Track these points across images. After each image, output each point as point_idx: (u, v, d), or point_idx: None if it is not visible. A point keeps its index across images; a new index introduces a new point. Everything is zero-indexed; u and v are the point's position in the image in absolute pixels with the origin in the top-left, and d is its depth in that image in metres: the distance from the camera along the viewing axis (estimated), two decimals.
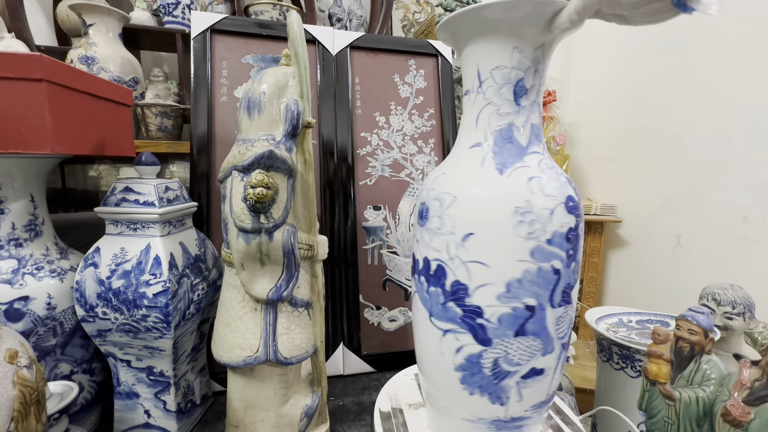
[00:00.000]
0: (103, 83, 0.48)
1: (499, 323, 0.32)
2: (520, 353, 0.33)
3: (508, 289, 0.32)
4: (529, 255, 0.31)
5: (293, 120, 0.38)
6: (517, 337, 0.33)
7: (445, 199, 0.34)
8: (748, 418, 0.35)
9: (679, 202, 1.07)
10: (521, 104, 0.34)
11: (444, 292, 0.34)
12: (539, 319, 0.32)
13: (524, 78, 0.34)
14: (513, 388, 0.34)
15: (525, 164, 0.33)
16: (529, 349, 0.33)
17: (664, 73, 1.10)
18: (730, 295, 0.57)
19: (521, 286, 0.32)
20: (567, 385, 0.69)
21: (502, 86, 0.34)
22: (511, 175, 0.33)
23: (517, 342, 0.33)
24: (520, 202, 0.31)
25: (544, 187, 0.32)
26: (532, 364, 0.33)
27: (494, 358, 0.33)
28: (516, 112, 0.34)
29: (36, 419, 0.28)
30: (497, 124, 0.35)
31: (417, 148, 0.68)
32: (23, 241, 0.42)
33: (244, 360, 0.38)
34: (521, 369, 0.33)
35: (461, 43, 0.36)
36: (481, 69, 0.35)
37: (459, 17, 0.33)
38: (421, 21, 1.43)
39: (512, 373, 0.33)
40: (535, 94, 0.35)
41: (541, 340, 0.33)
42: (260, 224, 0.36)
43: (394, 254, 0.65)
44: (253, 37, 0.62)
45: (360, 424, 0.50)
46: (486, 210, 0.32)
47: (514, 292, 0.32)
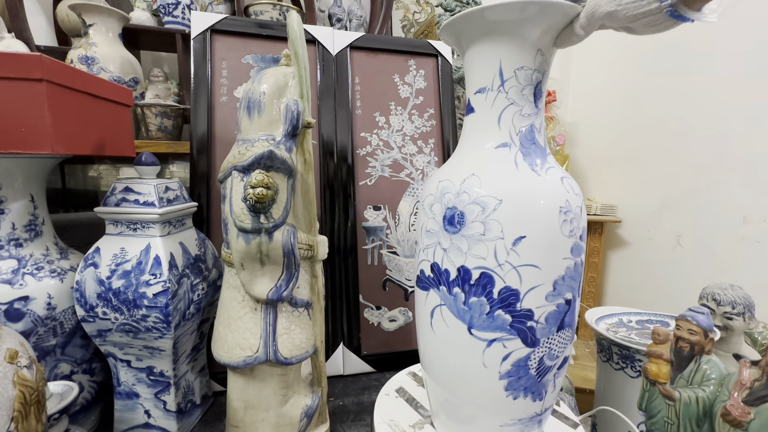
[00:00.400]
0: (103, 83, 0.48)
1: (546, 322, 0.33)
2: (559, 346, 0.35)
3: (555, 287, 0.33)
4: (569, 252, 0.33)
5: (293, 120, 0.38)
6: (558, 332, 0.34)
7: (488, 203, 0.33)
8: (748, 418, 0.35)
9: (679, 202, 1.07)
10: (539, 106, 0.35)
11: (490, 300, 0.33)
12: (573, 310, 0.35)
13: (542, 81, 0.35)
14: (551, 381, 0.36)
15: (551, 164, 0.35)
16: (565, 341, 0.35)
17: (663, 73, 1.10)
18: (730, 295, 0.57)
19: (564, 282, 0.33)
20: (567, 385, 0.69)
21: (525, 87, 0.34)
22: (545, 175, 0.33)
23: (558, 336, 0.34)
24: (562, 202, 0.32)
25: (573, 186, 0.34)
26: (566, 352, 0.36)
27: (540, 357, 0.34)
28: (535, 113, 0.35)
29: (36, 419, 0.28)
30: (521, 125, 0.35)
31: (417, 148, 0.68)
32: (23, 241, 0.42)
33: (244, 360, 0.38)
34: (558, 361, 0.35)
35: (471, 40, 0.36)
36: (504, 67, 0.34)
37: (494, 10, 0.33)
38: (421, 21, 1.43)
39: (551, 367, 0.35)
40: (543, 97, 0.36)
41: (572, 328, 0.35)
42: (260, 224, 0.36)
43: (394, 254, 0.65)
44: (253, 37, 0.62)
45: (360, 424, 0.50)
46: (537, 212, 0.32)
47: (559, 289, 0.33)
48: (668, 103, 1.09)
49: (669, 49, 1.08)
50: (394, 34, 1.37)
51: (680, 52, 1.05)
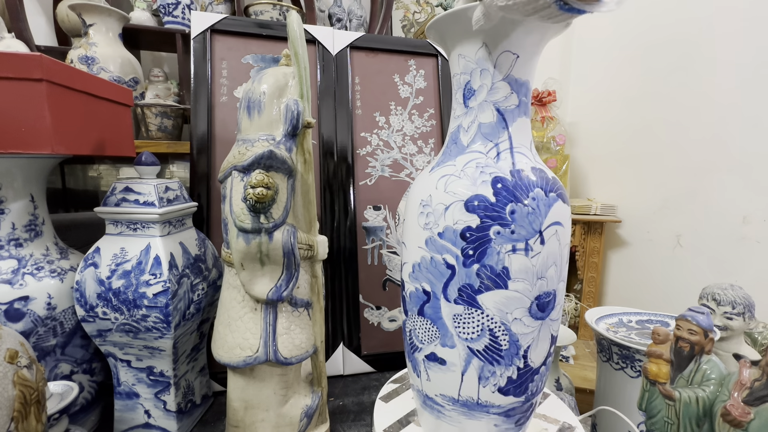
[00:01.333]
0: (103, 83, 0.48)
1: (410, 298, 0.37)
2: (421, 333, 0.37)
3: (413, 269, 0.36)
4: (424, 243, 0.35)
5: (293, 120, 0.38)
6: (419, 316, 0.37)
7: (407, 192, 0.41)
8: (748, 418, 0.35)
9: (679, 202, 1.07)
10: (469, 105, 0.36)
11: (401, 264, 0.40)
12: (434, 307, 0.35)
13: (470, 80, 0.36)
14: (421, 364, 0.38)
15: (452, 163, 0.36)
16: (428, 332, 0.36)
17: (664, 73, 1.10)
18: (730, 295, 0.57)
19: (420, 270, 0.36)
20: (567, 385, 0.69)
21: (457, 91, 0.37)
22: (433, 173, 0.36)
23: (419, 321, 0.37)
24: (424, 196, 0.35)
25: (449, 184, 0.34)
26: (432, 348, 0.36)
27: (408, 329, 0.39)
28: (464, 114, 0.37)
29: (36, 419, 0.28)
30: (451, 127, 0.38)
31: (417, 148, 0.68)
32: (23, 241, 0.42)
33: (244, 360, 0.38)
34: (425, 348, 0.37)
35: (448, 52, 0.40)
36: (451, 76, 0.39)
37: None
38: (421, 21, 1.43)
39: (419, 348, 0.37)
40: (486, 94, 0.35)
41: (437, 328, 0.35)
42: (260, 224, 0.36)
43: (394, 254, 0.65)
44: (253, 37, 0.62)
45: (360, 424, 0.50)
46: (409, 201, 0.38)
47: (416, 274, 0.36)
48: (668, 103, 1.09)
49: (669, 49, 1.08)
50: (394, 34, 1.37)
51: (680, 52, 1.05)
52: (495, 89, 0.35)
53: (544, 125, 1.24)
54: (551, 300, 0.34)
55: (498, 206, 0.32)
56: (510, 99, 0.35)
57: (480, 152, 0.35)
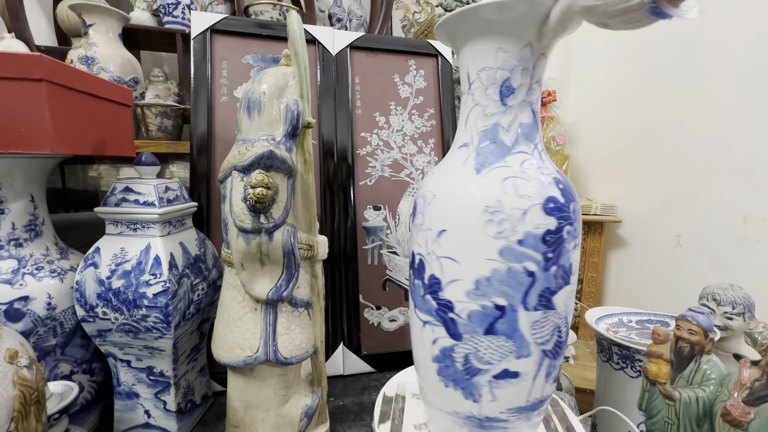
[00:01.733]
0: (103, 83, 0.48)
1: (468, 319, 0.33)
2: (490, 352, 0.33)
3: (477, 286, 0.32)
4: (498, 254, 0.31)
5: (293, 120, 0.38)
6: (487, 336, 0.33)
7: (427, 196, 0.36)
8: (748, 418, 0.35)
9: (679, 203, 1.07)
10: (508, 104, 0.34)
11: (423, 284, 0.36)
12: (510, 320, 0.32)
13: (510, 78, 0.34)
14: (485, 386, 0.34)
15: (505, 164, 0.34)
16: (499, 350, 0.33)
17: (664, 73, 1.10)
18: (730, 295, 0.57)
19: (490, 284, 0.32)
20: (567, 385, 0.69)
21: (488, 87, 0.35)
22: (486, 175, 0.33)
23: (486, 340, 0.33)
24: (490, 202, 0.32)
25: (520, 187, 0.32)
26: (504, 365, 0.33)
27: (465, 353, 0.34)
28: (502, 112, 0.35)
29: (36, 419, 0.28)
30: (483, 124, 0.35)
31: (417, 148, 0.68)
32: (23, 241, 0.42)
33: (244, 360, 0.38)
34: (492, 368, 0.33)
35: (459, 45, 0.37)
36: (470, 71, 0.36)
37: (451, 19, 0.34)
38: (421, 21, 1.43)
39: (483, 371, 0.34)
40: (525, 94, 0.35)
41: (513, 341, 0.33)
42: (260, 224, 0.36)
43: (394, 254, 0.65)
44: (253, 37, 0.62)
45: (360, 424, 0.50)
46: (457, 207, 0.33)
47: (483, 290, 0.32)
48: (669, 104, 1.09)
49: (669, 50, 1.08)
50: (394, 34, 1.38)
51: (681, 52, 1.05)
52: (532, 90, 0.35)
53: (544, 125, 1.24)
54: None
55: (566, 206, 0.33)
56: (538, 100, 0.36)
57: (526, 153, 0.34)
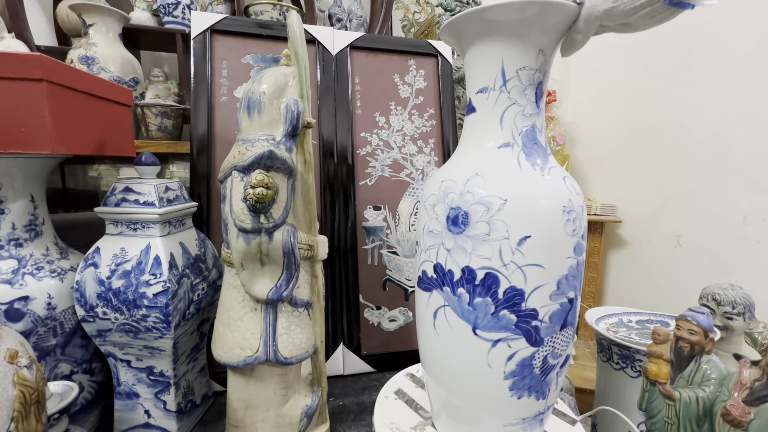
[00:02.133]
0: (103, 83, 0.48)
1: (550, 321, 0.33)
2: (562, 345, 0.35)
3: (558, 286, 0.33)
4: (572, 251, 0.33)
5: (293, 120, 0.38)
6: (562, 330, 0.34)
7: (492, 203, 0.33)
8: (748, 418, 0.35)
9: (679, 202, 1.07)
10: (540, 106, 0.35)
11: (495, 300, 0.33)
12: (575, 309, 0.35)
13: (543, 81, 0.35)
14: (554, 379, 0.36)
15: (553, 164, 0.35)
16: (568, 339, 0.35)
17: (664, 73, 1.10)
18: (730, 295, 0.57)
19: (567, 281, 0.33)
20: (567, 385, 0.69)
21: (527, 87, 0.34)
22: (548, 175, 0.34)
23: (561, 335, 0.34)
24: (565, 202, 0.32)
25: (574, 185, 0.34)
26: (568, 350, 0.36)
27: (544, 356, 0.34)
28: (537, 113, 0.35)
29: (36, 419, 0.28)
30: (523, 125, 0.35)
31: (417, 148, 0.68)
32: (23, 241, 0.42)
33: (244, 360, 0.38)
34: (561, 359, 0.35)
35: (472, 40, 0.35)
36: (506, 67, 0.34)
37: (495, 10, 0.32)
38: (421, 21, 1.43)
39: (555, 365, 0.35)
40: (544, 97, 0.36)
41: (573, 327, 0.35)
42: (260, 224, 0.36)
43: (394, 254, 0.65)
44: (253, 37, 0.62)
45: (360, 424, 0.50)
46: (541, 212, 0.32)
47: (563, 288, 0.33)
48: (668, 104, 1.09)
49: (669, 49, 1.08)
50: (394, 34, 1.37)
51: (681, 51, 1.05)
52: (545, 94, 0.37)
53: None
54: None
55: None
56: None
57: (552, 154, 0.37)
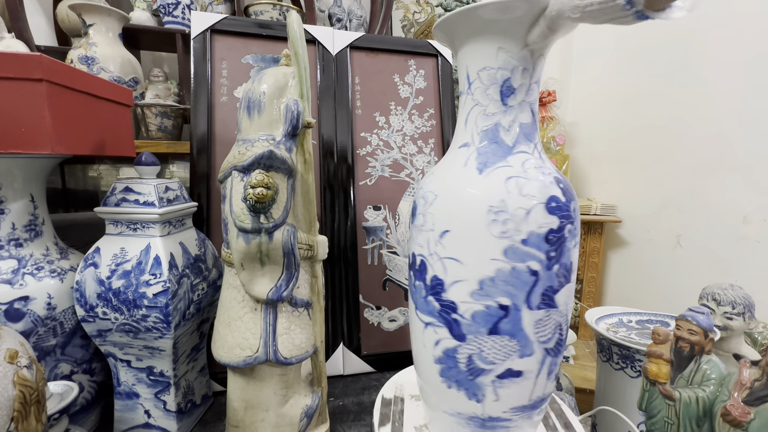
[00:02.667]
0: (103, 83, 0.48)
1: (472, 320, 0.33)
2: (494, 352, 0.33)
3: (481, 286, 0.32)
4: (502, 254, 0.32)
5: (293, 120, 0.38)
6: (491, 336, 0.33)
7: (428, 197, 0.36)
8: (748, 418, 0.35)
9: (679, 202, 1.07)
10: (508, 104, 0.35)
11: (425, 286, 0.35)
12: (514, 320, 0.32)
13: (511, 78, 0.34)
14: (489, 386, 0.34)
15: (507, 164, 0.34)
16: (503, 349, 0.33)
17: (664, 73, 1.10)
18: (730, 295, 0.57)
19: (494, 284, 0.32)
20: (567, 385, 0.69)
21: (489, 87, 0.35)
22: (489, 174, 0.33)
23: (491, 340, 0.33)
24: (494, 202, 0.32)
25: (523, 187, 0.32)
26: (508, 364, 0.33)
27: (469, 354, 0.34)
28: (503, 112, 0.35)
29: (36, 419, 0.28)
30: (484, 124, 0.35)
31: (417, 148, 0.68)
32: (23, 241, 0.42)
33: (244, 360, 0.38)
34: (496, 368, 0.33)
35: (456, 45, 0.37)
36: (469, 71, 0.36)
37: (450, 19, 0.34)
38: (421, 21, 1.43)
39: (487, 371, 0.34)
40: (524, 94, 0.35)
41: (517, 341, 0.33)
42: (260, 224, 0.36)
43: (394, 254, 0.65)
44: (253, 37, 0.62)
45: (360, 424, 0.50)
46: (461, 208, 0.33)
47: (487, 290, 0.32)
48: (668, 103, 1.09)
49: (669, 49, 1.08)
50: (394, 34, 1.38)
51: (681, 51, 1.05)
52: (531, 90, 0.35)
53: (544, 125, 1.24)
54: None
55: (567, 205, 0.33)
56: (537, 101, 0.36)
57: (527, 152, 0.35)
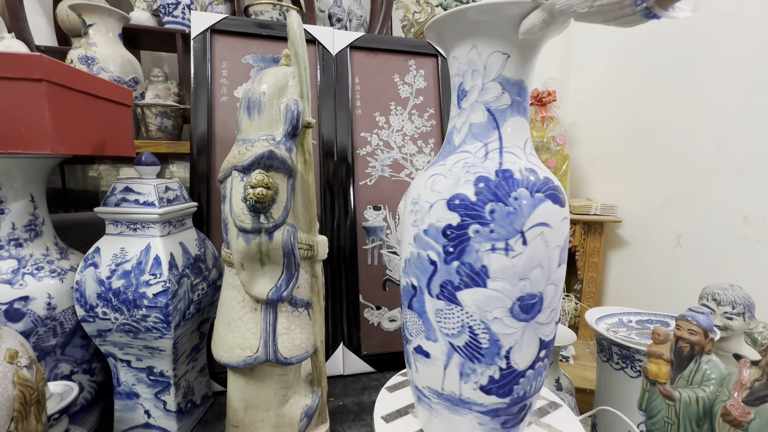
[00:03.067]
0: (103, 83, 0.48)
1: (402, 292, 0.39)
2: (411, 326, 0.38)
3: (405, 265, 0.38)
4: (413, 240, 0.36)
5: (293, 120, 0.38)
6: (408, 310, 0.38)
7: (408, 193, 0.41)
8: (748, 418, 0.35)
9: (679, 202, 1.07)
10: (462, 107, 0.37)
11: None
12: (420, 301, 0.36)
13: (463, 82, 0.36)
14: (411, 355, 0.39)
15: (443, 163, 0.37)
16: (415, 325, 0.38)
17: (664, 73, 1.10)
18: (730, 295, 0.57)
19: (409, 265, 0.37)
20: (567, 385, 0.69)
21: (453, 93, 0.38)
22: (426, 172, 0.38)
23: (408, 314, 0.38)
24: (416, 195, 0.37)
25: (435, 183, 0.35)
26: (419, 341, 0.37)
27: (403, 322, 0.40)
28: (457, 114, 0.37)
29: (36, 419, 0.28)
30: (448, 127, 0.39)
31: (417, 148, 0.68)
32: (23, 241, 0.42)
33: (244, 360, 0.38)
34: (413, 341, 0.38)
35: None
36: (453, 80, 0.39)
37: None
38: (421, 21, 1.43)
39: (409, 341, 0.39)
40: (477, 94, 0.36)
41: (422, 322, 0.36)
42: (260, 224, 0.36)
43: (394, 254, 0.65)
44: (253, 37, 0.62)
45: (360, 424, 0.50)
46: (406, 199, 0.39)
47: (407, 269, 0.38)
48: (668, 104, 1.09)
49: (670, 49, 1.08)
50: (394, 34, 1.37)
51: (681, 52, 1.05)
52: (485, 90, 0.35)
53: (544, 125, 1.24)
54: (537, 303, 0.33)
55: (478, 205, 0.32)
56: (501, 99, 0.35)
57: (469, 152, 0.36)
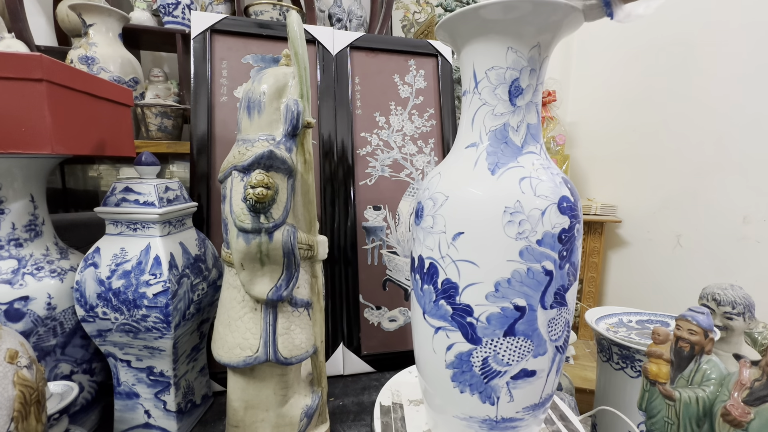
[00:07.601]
0: (103, 83, 0.48)
1: (488, 322, 0.33)
2: (509, 353, 0.33)
3: (497, 288, 0.32)
4: (518, 255, 0.32)
5: (293, 120, 0.38)
6: (506, 337, 0.33)
7: (438, 198, 0.35)
8: (748, 418, 0.35)
9: (679, 202, 1.07)
10: (517, 104, 0.34)
11: (436, 290, 0.35)
12: (529, 320, 0.32)
13: (519, 78, 0.34)
14: (503, 388, 0.34)
15: (519, 164, 0.34)
16: (519, 350, 0.33)
17: (664, 73, 1.10)
18: (730, 295, 0.57)
19: (510, 286, 0.32)
20: (567, 385, 0.69)
21: (497, 86, 0.34)
22: (502, 175, 0.33)
23: (506, 342, 0.33)
24: (510, 203, 0.32)
25: (537, 187, 0.32)
26: (523, 365, 0.33)
27: (484, 357, 0.34)
28: (511, 112, 0.35)
29: (36, 419, 0.28)
30: (492, 124, 0.35)
31: (417, 148, 0.68)
32: (23, 241, 0.42)
33: (244, 360, 0.38)
34: (511, 369, 0.34)
35: (460, 44, 0.37)
36: (476, 69, 0.35)
37: (456, 18, 0.34)
38: (421, 21, 1.43)
39: (502, 373, 0.34)
40: (531, 94, 0.35)
41: (531, 341, 0.33)
42: (260, 224, 0.36)
43: (394, 254, 0.65)
44: (253, 37, 0.62)
45: (360, 424, 0.50)
46: (476, 210, 0.33)
47: (503, 291, 0.32)
48: (668, 104, 1.09)
49: (669, 49, 1.08)
50: (394, 34, 1.38)
51: (681, 52, 1.05)
52: (537, 91, 0.35)
53: (544, 125, 1.24)
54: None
55: (576, 204, 0.34)
56: (541, 102, 0.36)
57: (535, 153, 0.35)
